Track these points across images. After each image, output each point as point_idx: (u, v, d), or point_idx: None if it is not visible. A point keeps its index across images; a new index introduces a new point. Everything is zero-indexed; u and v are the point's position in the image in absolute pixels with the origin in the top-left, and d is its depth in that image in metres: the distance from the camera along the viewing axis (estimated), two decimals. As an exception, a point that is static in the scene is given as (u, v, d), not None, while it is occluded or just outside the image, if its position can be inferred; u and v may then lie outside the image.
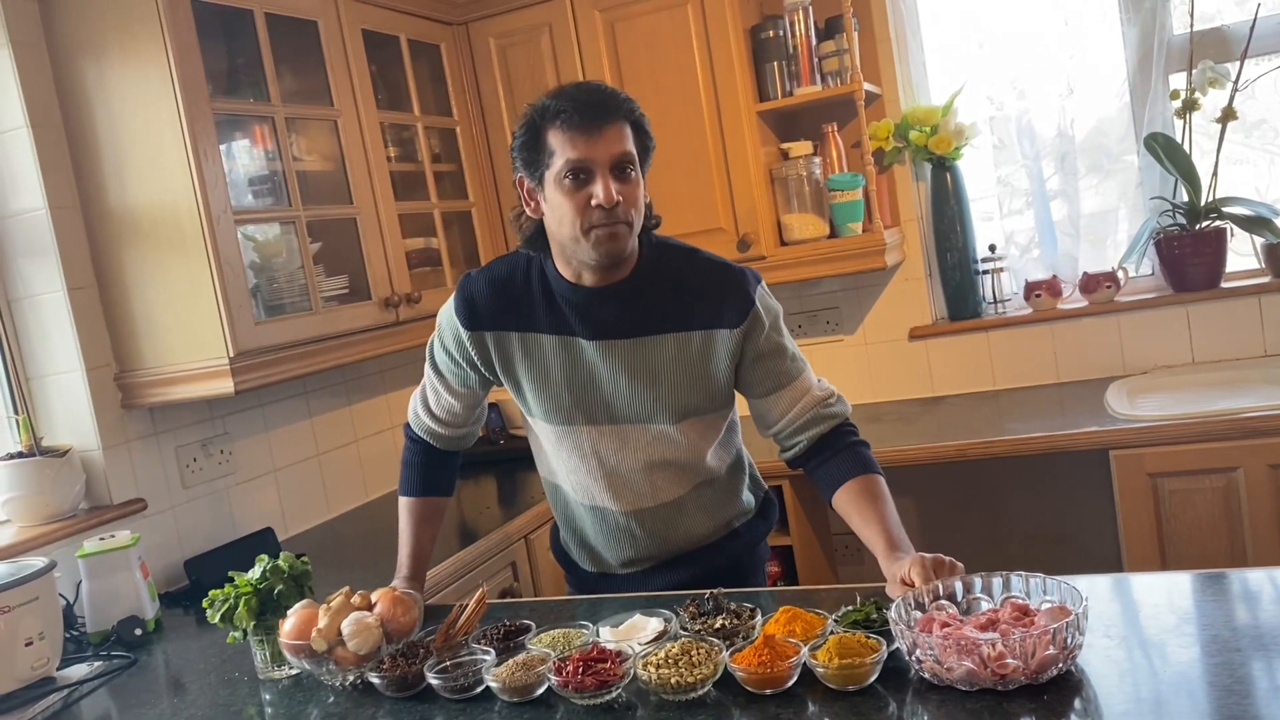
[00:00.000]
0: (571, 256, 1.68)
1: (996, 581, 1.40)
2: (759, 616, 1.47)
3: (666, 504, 1.81)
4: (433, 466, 1.96)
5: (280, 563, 1.70)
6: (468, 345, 1.79)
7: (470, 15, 3.08)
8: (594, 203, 1.57)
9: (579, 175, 1.57)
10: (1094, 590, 1.46)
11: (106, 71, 2.23)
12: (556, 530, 2.02)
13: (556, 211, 1.61)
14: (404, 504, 1.95)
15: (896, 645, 1.31)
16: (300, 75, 2.61)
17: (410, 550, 1.91)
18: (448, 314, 1.82)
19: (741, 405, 1.87)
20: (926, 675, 1.26)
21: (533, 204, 1.68)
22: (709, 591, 1.54)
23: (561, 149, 1.57)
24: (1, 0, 2.22)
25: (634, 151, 1.61)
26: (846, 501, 1.70)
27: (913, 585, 1.44)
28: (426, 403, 1.94)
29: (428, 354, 1.90)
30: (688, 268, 1.76)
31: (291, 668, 1.65)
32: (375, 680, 1.50)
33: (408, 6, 2.89)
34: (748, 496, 1.93)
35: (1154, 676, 1.24)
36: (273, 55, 2.42)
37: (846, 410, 1.79)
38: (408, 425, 2.00)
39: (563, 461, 1.83)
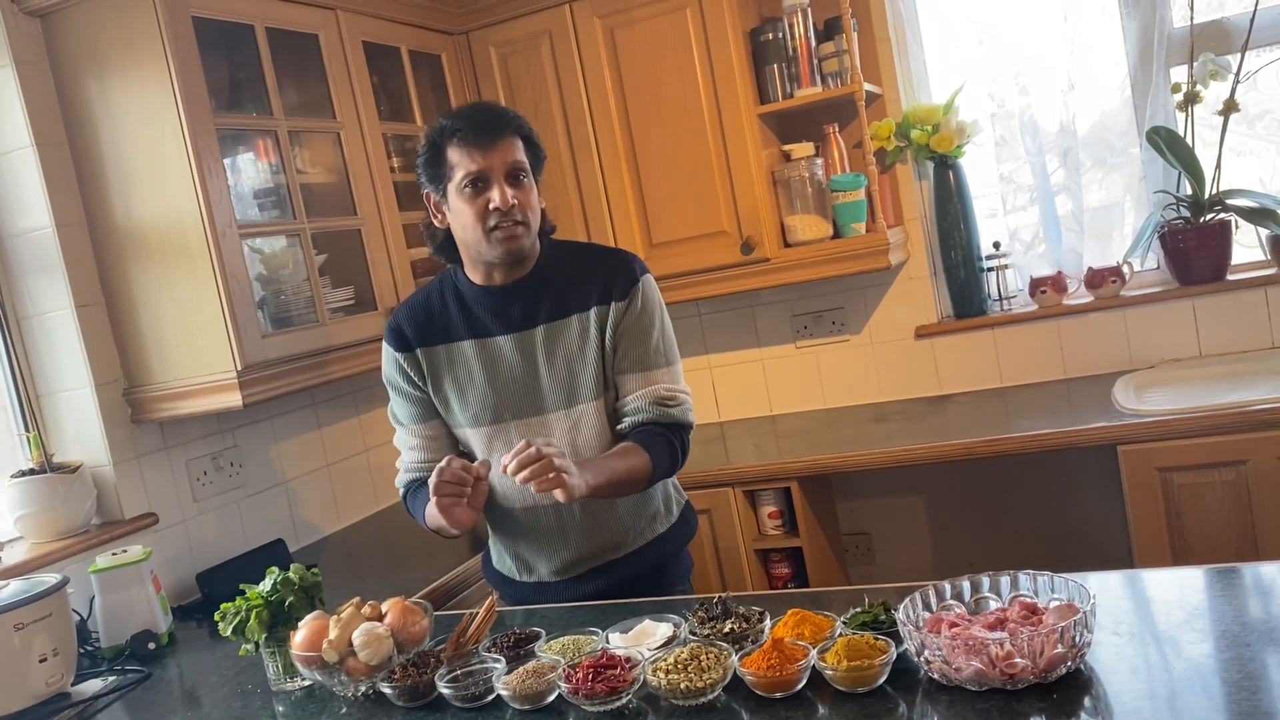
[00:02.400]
0: (478, 258, 1.84)
1: (1004, 580, 1.40)
2: (767, 620, 1.47)
3: None
4: (422, 489, 1.92)
5: (291, 575, 1.71)
6: (407, 368, 1.89)
7: (470, 25, 3.09)
8: (492, 206, 1.75)
9: (477, 184, 1.76)
10: (1104, 587, 1.46)
11: (110, 89, 2.25)
12: (488, 555, 2.06)
13: (460, 218, 1.79)
14: (426, 510, 1.84)
15: (905, 646, 1.31)
16: (302, 88, 2.62)
17: None
18: (385, 355, 1.94)
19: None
20: (935, 676, 1.27)
21: (439, 215, 1.86)
22: (718, 595, 1.55)
23: (460, 162, 1.76)
24: (4, 20, 2.24)
25: (526, 161, 1.80)
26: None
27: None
28: (406, 457, 1.97)
29: (390, 418, 1.99)
30: (583, 255, 1.95)
31: (304, 679, 1.66)
32: (387, 690, 1.51)
33: (408, 17, 2.90)
34: (669, 493, 2.01)
35: (1164, 673, 1.24)
36: (274, 69, 2.44)
37: (685, 417, 1.88)
38: (399, 493, 2.02)
39: (497, 465, 1.84)
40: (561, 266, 1.89)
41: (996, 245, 3.07)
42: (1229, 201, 2.77)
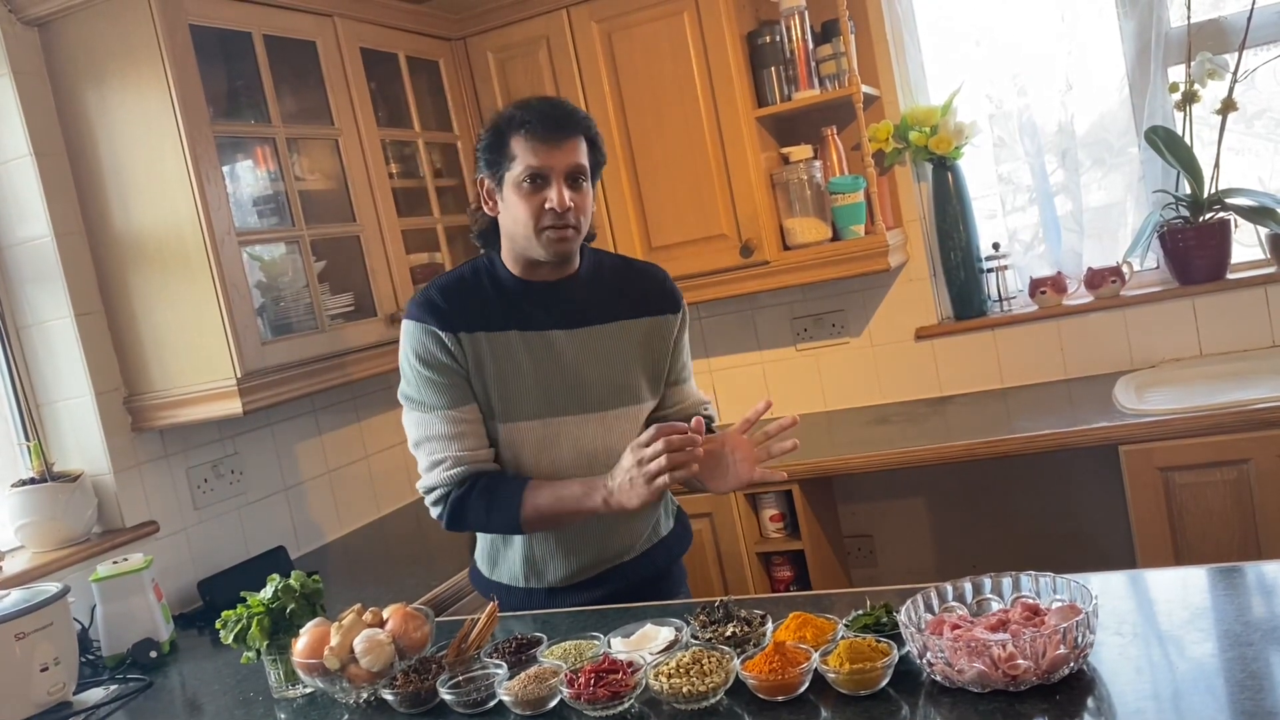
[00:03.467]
0: (523, 254, 1.81)
1: (1006, 582, 1.40)
2: (769, 623, 1.47)
3: None
4: (501, 478, 1.81)
5: (292, 582, 1.70)
6: (450, 346, 1.77)
7: (468, 30, 3.09)
8: (548, 206, 1.73)
9: (537, 180, 1.73)
10: (1106, 587, 1.45)
11: (108, 98, 2.25)
12: (476, 568, 2.02)
13: (513, 211, 1.76)
14: (528, 496, 1.76)
15: (907, 648, 1.31)
16: (300, 95, 2.63)
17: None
18: (416, 331, 1.79)
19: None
20: (938, 678, 1.26)
21: (490, 203, 1.82)
22: (719, 599, 1.55)
23: (523, 155, 1.73)
24: (2, 30, 2.24)
25: (587, 165, 1.78)
26: None
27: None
28: (448, 448, 1.78)
29: (414, 407, 1.81)
30: (620, 264, 1.98)
31: (306, 686, 1.66)
32: (389, 697, 1.51)
33: (405, 24, 2.90)
34: (667, 497, 2.03)
35: (1168, 673, 1.24)
36: (272, 76, 2.44)
37: (715, 418, 2.02)
38: (435, 492, 1.81)
39: (527, 460, 1.83)
40: (601, 272, 1.90)
41: (996, 246, 3.07)
42: (1228, 200, 2.77)
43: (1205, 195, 2.79)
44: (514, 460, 1.84)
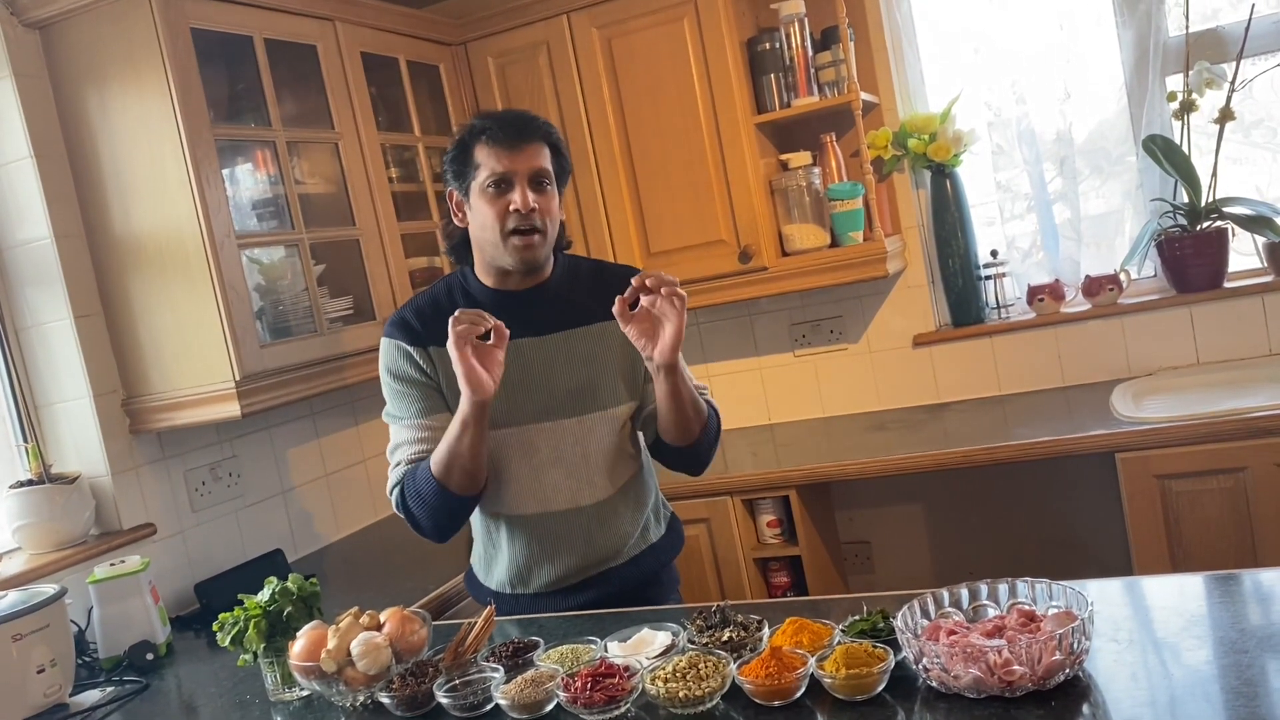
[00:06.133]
0: (493, 262, 1.85)
1: (1003, 588, 1.40)
2: (766, 628, 1.47)
3: (602, 502, 1.88)
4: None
5: (289, 585, 1.71)
6: (419, 361, 1.83)
7: (468, 35, 3.10)
8: (512, 208, 1.76)
9: (500, 185, 1.77)
10: (1102, 594, 1.46)
11: (109, 100, 2.25)
12: (472, 573, 2.04)
13: (480, 218, 1.80)
14: (433, 455, 1.75)
15: (903, 654, 1.31)
16: (300, 99, 2.63)
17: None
18: (389, 349, 1.86)
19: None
20: (934, 683, 1.27)
21: (460, 214, 1.86)
22: (716, 604, 1.55)
23: (486, 162, 1.78)
24: (4, 32, 2.24)
25: (550, 169, 1.82)
26: None
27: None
28: (406, 452, 1.82)
29: (389, 419, 1.87)
30: (598, 269, 2.00)
31: (302, 689, 1.66)
32: (385, 700, 1.51)
33: (406, 28, 2.91)
34: (657, 503, 2.03)
35: (1163, 680, 1.24)
36: (273, 80, 2.45)
37: (715, 407, 1.95)
38: (393, 495, 1.84)
39: (507, 468, 1.84)
40: (576, 277, 1.92)
41: (994, 253, 3.08)
42: (1225, 209, 2.78)
43: (1203, 204, 2.80)
44: (496, 468, 1.85)
